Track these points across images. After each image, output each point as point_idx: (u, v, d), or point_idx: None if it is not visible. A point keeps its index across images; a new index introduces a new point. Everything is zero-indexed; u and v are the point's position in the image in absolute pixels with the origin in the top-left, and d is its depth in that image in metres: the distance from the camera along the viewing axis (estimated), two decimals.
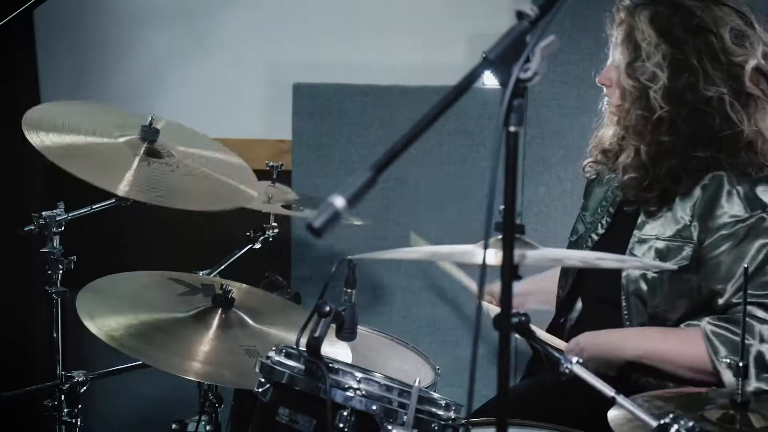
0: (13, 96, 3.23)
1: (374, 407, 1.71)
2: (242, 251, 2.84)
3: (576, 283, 2.39)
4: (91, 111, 2.62)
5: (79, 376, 2.46)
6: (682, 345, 2.17)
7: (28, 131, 2.31)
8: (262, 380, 1.81)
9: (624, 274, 2.25)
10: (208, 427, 2.41)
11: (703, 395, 1.87)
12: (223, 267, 2.79)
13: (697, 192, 2.19)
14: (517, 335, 1.63)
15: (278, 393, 1.79)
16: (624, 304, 2.25)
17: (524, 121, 3.57)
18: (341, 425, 1.70)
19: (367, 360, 2.38)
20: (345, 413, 1.70)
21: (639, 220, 2.27)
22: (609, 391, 1.58)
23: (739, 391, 1.69)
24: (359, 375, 1.74)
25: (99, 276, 2.32)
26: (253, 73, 3.49)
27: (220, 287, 2.22)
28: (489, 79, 1.33)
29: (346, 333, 1.79)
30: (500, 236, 1.38)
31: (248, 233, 2.86)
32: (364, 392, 1.72)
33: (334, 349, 2.10)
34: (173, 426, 2.50)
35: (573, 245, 2.42)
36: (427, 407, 1.75)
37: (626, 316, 2.25)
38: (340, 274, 1.83)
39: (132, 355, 2.11)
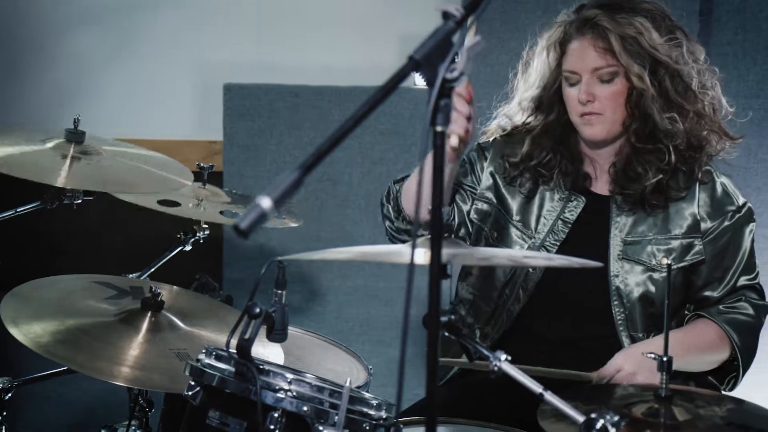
0: None
1: (305, 408, 1.70)
2: (172, 253, 2.81)
3: (534, 295, 2.31)
4: (10, 130, 2.65)
5: (3, 382, 2.41)
6: (707, 341, 2.25)
7: None
8: (192, 383, 1.79)
9: (619, 282, 2.25)
10: None
11: (629, 390, 1.90)
12: (152, 269, 2.76)
13: (696, 187, 2.28)
14: (446, 333, 1.64)
15: (208, 396, 1.77)
16: (622, 310, 2.25)
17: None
18: (272, 427, 1.69)
19: (300, 361, 2.37)
20: (276, 415, 1.70)
21: (621, 223, 2.28)
22: (537, 387, 1.60)
23: (663, 385, 1.73)
24: (290, 376, 1.73)
25: (24, 281, 2.27)
26: (182, 74, 3.46)
27: (149, 290, 2.19)
28: (420, 80, 1.33)
29: (277, 334, 1.78)
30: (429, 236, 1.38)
31: (179, 235, 2.83)
32: (294, 393, 1.71)
33: (267, 351, 2.09)
34: (102, 431, 2.47)
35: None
36: (359, 407, 1.74)
37: (623, 324, 2.26)
38: (271, 275, 1.82)
39: (58, 361, 2.06)
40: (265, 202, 1.23)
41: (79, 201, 2.53)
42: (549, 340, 2.29)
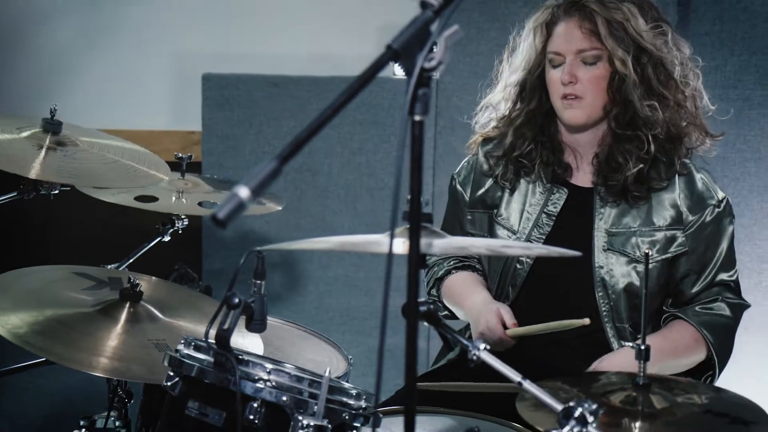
0: None
1: (284, 398, 1.70)
2: (151, 244, 2.80)
3: (522, 291, 2.32)
4: None
5: None
6: (684, 345, 2.26)
7: None
8: (171, 374, 1.79)
9: (604, 273, 2.25)
10: (117, 423, 2.37)
11: (608, 379, 1.91)
12: (131, 260, 2.75)
13: (677, 179, 2.28)
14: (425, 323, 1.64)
15: (187, 386, 1.77)
16: (606, 302, 2.26)
17: (436, 111, 3.58)
18: (251, 417, 1.69)
19: (280, 351, 2.37)
20: (255, 405, 1.70)
21: (605, 214, 2.28)
22: (515, 376, 1.60)
23: (641, 374, 1.74)
24: (269, 366, 1.73)
25: (2, 271, 2.26)
26: (161, 64, 3.45)
27: (127, 280, 2.18)
28: (400, 70, 1.33)
29: (256, 324, 1.78)
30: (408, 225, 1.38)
31: (157, 226, 2.82)
32: (274, 383, 1.71)
33: (246, 341, 2.09)
34: (81, 423, 2.45)
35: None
36: (338, 397, 1.75)
37: (607, 315, 2.26)
38: (251, 265, 1.81)
39: (37, 353, 2.05)
40: (243, 192, 1.22)
41: (57, 191, 2.51)
42: (536, 336, 2.27)
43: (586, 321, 2.09)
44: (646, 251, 1.86)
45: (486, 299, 2.29)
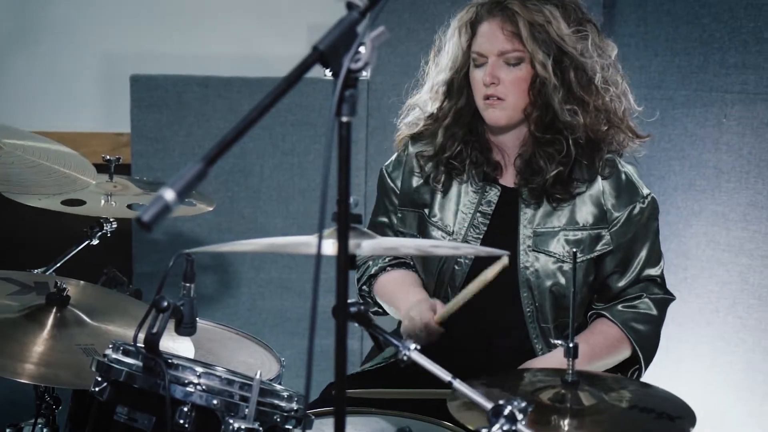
0: None
1: (215, 402, 1.69)
2: (79, 248, 2.76)
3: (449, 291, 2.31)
4: None
5: None
6: (608, 345, 2.27)
7: None
8: (99, 379, 1.77)
9: (529, 274, 2.26)
10: (45, 430, 2.33)
11: (537, 377, 1.93)
12: (59, 264, 2.70)
13: (599, 177, 2.29)
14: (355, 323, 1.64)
15: (115, 391, 1.75)
16: (531, 302, 2.26)
17: (367, 112, 3.58)
18: (181, 421, 1.68)
19: (212, 354, 2.36)
20: (185, 409, 1.69)
21: (529, 215, 2.28)
22: (446, 375, 1.61)
23: (570, 371, 1.76)
24: (199, 370, 1.72)
25: None
26: (88, 64, 3.40)
27: (54, 285, 2.15)
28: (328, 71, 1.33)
29: (186, 328, 1.76)
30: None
31: (85, 229, 2.78)
32: (204, 387, 1.70)
33: (177, 345, 2.07)
34: (8, 431, 2.41)
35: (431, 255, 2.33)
36: (269, 399, 1.74)
37: (531, 315, 2.27)
38: (181, 268, 1.79)
39: None
40: (168, 194, 1.21)
41: None
42: (461, 341, 2.28)
43: (505, 261, 2.00)
44: (574, 250, 1.89)
45: (424, 297, 2.29)
